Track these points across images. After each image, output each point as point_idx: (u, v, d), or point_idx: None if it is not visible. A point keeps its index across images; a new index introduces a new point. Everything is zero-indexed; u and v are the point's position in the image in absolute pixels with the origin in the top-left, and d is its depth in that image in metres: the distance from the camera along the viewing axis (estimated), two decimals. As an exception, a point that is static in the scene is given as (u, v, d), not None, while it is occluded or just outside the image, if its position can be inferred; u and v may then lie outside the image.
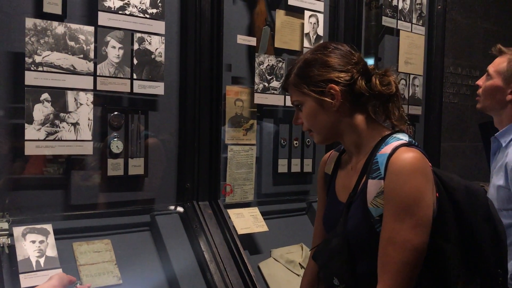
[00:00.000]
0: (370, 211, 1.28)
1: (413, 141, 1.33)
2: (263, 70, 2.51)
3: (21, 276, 1.73)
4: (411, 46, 3.23)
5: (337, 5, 2.84)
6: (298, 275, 2.39)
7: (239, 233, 2.28)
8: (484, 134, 2.30)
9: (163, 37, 2.19)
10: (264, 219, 2.48)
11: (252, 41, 2.48)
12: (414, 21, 3.25)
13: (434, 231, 1.26)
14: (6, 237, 1.82)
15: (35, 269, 1.77)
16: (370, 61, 3.07)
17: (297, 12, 2.66)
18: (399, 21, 3.14)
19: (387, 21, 3.06)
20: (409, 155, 1.24)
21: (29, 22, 1.86)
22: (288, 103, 2.62)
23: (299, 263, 2.42)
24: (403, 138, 1.32)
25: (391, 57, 3.17)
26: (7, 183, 1.91)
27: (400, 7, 3.14)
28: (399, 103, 1.38)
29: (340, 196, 1.45)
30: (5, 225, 1.84)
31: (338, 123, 1.38)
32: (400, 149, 1.26)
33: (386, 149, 1.29)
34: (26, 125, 1.86)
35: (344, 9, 2.83)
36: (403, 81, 3.20)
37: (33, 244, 1.82)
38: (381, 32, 3.10)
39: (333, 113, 1.36)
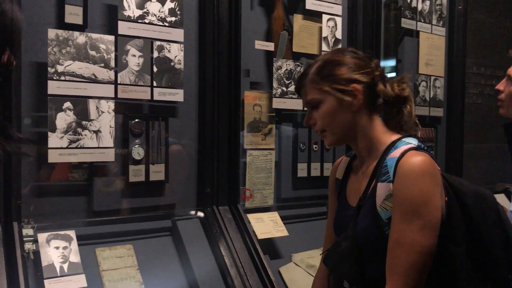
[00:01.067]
0: (379, 214, 1.30)
1: (422, 145, 1.35)
2: (281, 74, 2.52)
3: (45, 281, 1.78)
4: (432, 48, 3.19)
5: (355, 8, 2.83)
6: (319, 280, 2.38)
7: (259, 238, 2.29)
8: (509, 135, 2.26)
9: (182, 45, 2.22)
10: (284, 223, 2.48)
11: (270, 46, 2.49)
12: (434, 22, 3.21)
13: (443, 235, 1.27)
14: (31, 243, 1.86)
15: (59, 275, 1.81)
16: (390, 63, 3.06)
17: (315, 16, 2.66)
18: (418, 23, 3.11)
19: (406, 23, 3.03)
20: (418, 158, 1.26)
21: (52, 32, 1.91)
22: (307, 107, 2.62)
23: (320, 268, 2.42)
24: (412, 142, 1.35)
25: (411, 59, 3.14)
26: (32, 190, 1.96)
27: (419, 8, 3.11)
28: (412, 109, 1.41)
29: (351, 200, 1.46)
30: (30, 232, 1.89)
31: (354, 124, 1.40)
32: (409, 153, 1.28)
33: (395, 153, 1.31)
34: (49, 133, 1.91)
35: (362, 12, 2.82)
36: (423, 83, 3.17)
37: (57, 250, 1.86)
38: (400, 34, 3.08)
39: (351, 113, 1.38)
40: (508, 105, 2.05)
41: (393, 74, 3.11)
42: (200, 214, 2.32)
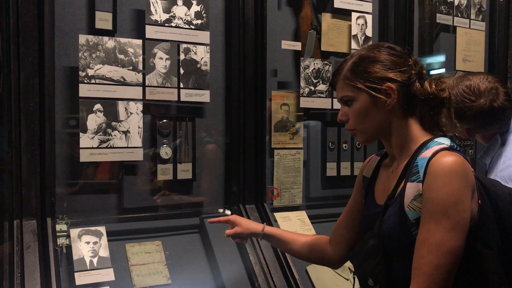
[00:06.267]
0: (407, 214, 1.27)
1: (455, 146, 1.31)
2: (309, 74, 2.53)
3: (76, 274, 1.87)
4: (470, 43, 3.09)
5: (386, 4, 2.79)
6: (347, 279, 2.37)
7: (285, 237, 2.31)
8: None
9: (208, 47, 2.27)
10: (313, 223, 2.48)
11: (297, 45, 2.50)
12: (472, 16, 3.11)
13: (474, 238, 1.24)
14: (65, 238, 1.97)
15: (88, 268, 1.91)
16: (439, 59, 3.01)
17: (344, 14, 2.64)
18: (455, 18, 3.03)
19: (442, 18, 2.96)
20: (449, 159, 1.23)
21: (82, 38, 2.01)
22: (336, 106, 2.62)
23: (348, 268, 2.40)
24: (445, 142, 1.31)
25: (447, 55, 3.05)
26: (66, 188, 2.07)
27: (456, 3, 3.02)
28: (451, 110, 1.36)
29: (379, 199, 1.44)
30: (64, 227, 1.99)
31: (388, 123, 1.37)
32: (440, 153, 1.25)
33: (427, 153, 1.28)
34: (80, 134, 2.01)
35: (394, 8, 2.78)
36: (461, 80, 3.07)
37: (88, 244, 1.96)
38: (436, 30, 3.00)
39: (385, 112, 1.35)
40: None
41: (442, 70, 3.05)
42: (228, 212, 2.35)
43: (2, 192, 1.91)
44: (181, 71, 2.21)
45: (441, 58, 3.04)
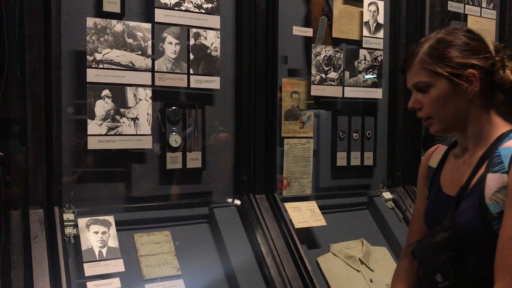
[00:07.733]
0: (488, 207, 1.20)
1: None
2: (320, 61, 2.47)
3: (85, 265, 1.82)
4: (481, 32, 3.00)
5: (398, -9, 2.74)
6: (358, 271, 2.34)
7: (296, 227, 2.26)
8: None
9: (218, 32, 2.20)
10: (323, 213, 2.44)
11: (308, 32, 2.44)
12: (483, 4, 3.06)
13: None
14: (72, 227, 1.91)
15: (98, 259, 1.85)
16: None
17: (356, 0, 2.58)
18: (466, 6, 2.98)
19: (453, 6, 2.91)
20: None
21: (90, 21, 1.94)
22: (347, 94, 2.56)
23: (359, 259, 2.37)
24: None
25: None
26: (73, 177, 2.00)
27: (467, -10, 2.97)
28: None
29: (447, 189, 1.37)
30: (71, 217, 1.94)
31: (466, 112, 1.29)
32: None
33: (511, 143, 1.21)
34: (88, 120, 1.95)
35: (406, -5, 2.73)
36: (471, 69, 3.03)
37: (96, 234, 1.90)
38: (447, 18, 2.95)
39: (465, 100, 1.27)
40: None
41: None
42: (237, 202, 2.31)
43: (8, 180, 1.85)
44: (191, 56, 2.15)
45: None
